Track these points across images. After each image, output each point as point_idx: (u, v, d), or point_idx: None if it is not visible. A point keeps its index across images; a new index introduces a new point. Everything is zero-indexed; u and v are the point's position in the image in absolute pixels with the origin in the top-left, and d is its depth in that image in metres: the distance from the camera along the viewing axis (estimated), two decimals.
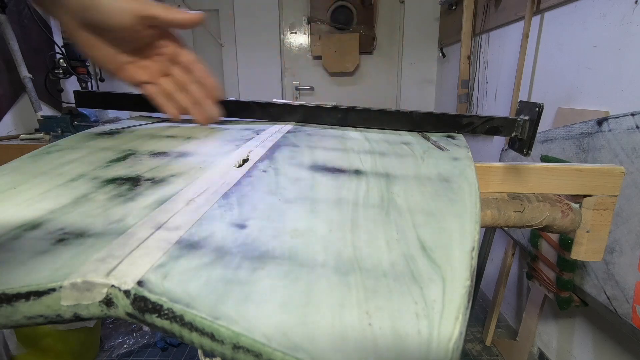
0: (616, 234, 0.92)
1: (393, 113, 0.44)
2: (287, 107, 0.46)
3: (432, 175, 0.29)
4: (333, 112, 0.44)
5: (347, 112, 0.44)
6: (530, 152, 0.39)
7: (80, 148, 0.34)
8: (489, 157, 1.79)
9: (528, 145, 0.39)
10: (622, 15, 1.02)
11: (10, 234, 0.18)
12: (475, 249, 0.19)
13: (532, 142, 0.39)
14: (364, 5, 2.42)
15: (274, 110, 0.46)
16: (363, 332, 0.13)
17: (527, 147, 0.39)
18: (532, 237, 1.21)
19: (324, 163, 0.31)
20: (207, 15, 2.47)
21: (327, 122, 0.45)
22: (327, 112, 0.45)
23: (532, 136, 0.39)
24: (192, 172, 0.28)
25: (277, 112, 0.46)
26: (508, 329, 1.64)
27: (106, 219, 0.20)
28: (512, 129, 0.40)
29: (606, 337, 1.10)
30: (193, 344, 0.14)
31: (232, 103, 0.45)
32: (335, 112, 0.44)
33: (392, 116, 0.44)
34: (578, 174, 0.41)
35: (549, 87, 1.36)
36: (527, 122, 0.39)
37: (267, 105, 0.45)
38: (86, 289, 0.15)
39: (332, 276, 0.16)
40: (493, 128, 0.41)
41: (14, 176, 0.26)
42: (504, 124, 0.40)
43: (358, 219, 0.21)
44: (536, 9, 1.40)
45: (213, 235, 0.19)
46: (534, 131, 0.38)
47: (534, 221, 0.41)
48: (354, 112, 0.44)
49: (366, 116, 0.44)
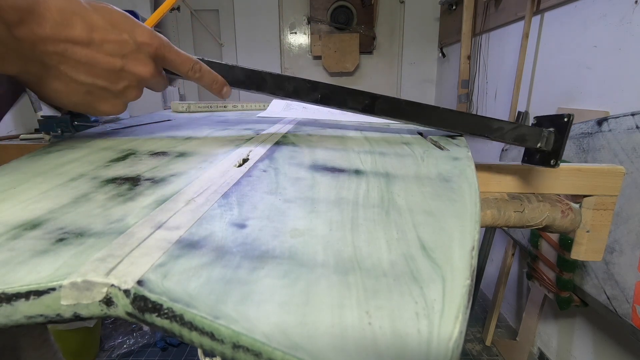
0: (616, 234, 0.92)
1: (423, 107, 0.41)
2: (305, 83, 0.40)
3: (432, 175, 0.29)
4: (359, 97, 0.40)
5: (375, 99, 0.40)
6: (559, 162, 0.38)
7: (80, 148, 0.34)
8: (489, 157, 1.79)
9: (556, 156, 0.38)
10: (622, 15, 1.03)
11: (10, 233, 0.18)
12: (475, 249, 0.19)
13: (561, 152, 0.38)
14: (364, 5, 2.42)
15: (289, 84, 0.40)
16: (363, 332, 0.13)
17: (555, 157, 0.38)
18: (532, 237, 1.21)
19: (324, 163, 0.31)
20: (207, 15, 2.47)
21: (349, 107, 0.40)
22: (352, 96, 0.40)
23: (560, 147, 0.38)
24: (192, 172, 0.28)
25: (293, 88, 0.40)
26: (508, 329, 1.64)
27: (106, 219, 0.20)
28: (538, 139, 0.39)
29: (606, 337, 1.10)
30: (193, 343, 0.14)
31: (241, 71, 0.40)
32: (362, 97, 0.40)
33: (421, 110, 0.41)
34: (578, 174, 0.41)
35: (549, 87, 1.36)
36: (552, 133, 0.38)
37: (282, 78, 0.40)
38: (86, 288, 0.15)
39: (332, 276, 0.16)
40: (520, 136, 0.40)
41: (14, 176, 0.26)
42: (530, 133, 0.39)
43: (358, 219, 0.21)
44: (536, 9, 1.40)
45: (213, 234, 0.19)
46: (562, 142, 0.38)
47: (534, 221, 0.41)
48: (382, 100, 0.40)
49: (394, 107, 0.40)
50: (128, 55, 0.31)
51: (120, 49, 0.31)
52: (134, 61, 0.32)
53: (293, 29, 2.53)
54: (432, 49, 2.53)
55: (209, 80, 0.38)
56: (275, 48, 2.51)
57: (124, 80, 0.32)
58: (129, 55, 0.31)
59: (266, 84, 0.40)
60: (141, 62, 0.32)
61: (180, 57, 0.35)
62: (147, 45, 0.32)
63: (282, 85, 0.40)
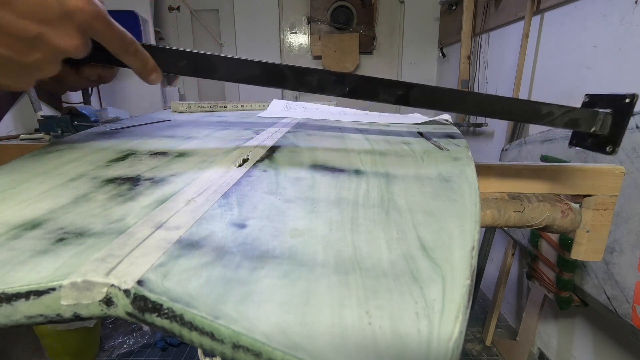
0: (616, 234, 0.92)
1: (462, 95, 0.38)
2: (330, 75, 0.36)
3: (432, 175, 0.29)
4: (392, 88, 0.37)
5: (410, 88, 0.37)
6: (617, 150, 0.35)
7: (80, 148, 0.34)
8: (489, 157, 1.79)
9: (614, 142, 0.35)
10: (622, 15, 1.02)
11: (10, 233, 0.18)
12: (475, 249, 0.19)
13: (619, 138, 0.34)
14: (364, 5, 2.42)
15: (312, 79, 0.36)
16: (363, 332, 0.13)
17: (612, 144, 0.35)
18: (532, 237, 1.21)
19: (324, 163, 0.31)
20: (207, 15, 2.48)
21: (381, 99, 0.37)
22: (384, 87, 0.37)
23: (618, 131, 0.34)
24: (192, 172, 0.28)
25: (317, 82, 0.36)
26: (508, 329, 1.64)
27: (106, 219, 0.20)
28: (592, 123, 0.36)
29: (606, 337, 1.10)
30: (193, 343, 0.14)
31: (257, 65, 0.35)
32: (396, 88, 0.37)
33: (460, 98, 0.37)
34: (578, 174, 0.41)
35: (549, 87, 1.36)
36: (608, 116, 0.35)
37: (305, 72, 0.36)
38: (86, 288, 0.15)
39: (332, 276, 0.16)
40: (572, 120, 0.36)
41: (14, 176, 0.26)
42: (583, 116, 0.36)
43: (358, 219, 0.21)
44: (536, 9, 1.40)
45: (213, 234, 0.19)
46: (622, 126, 0.34)
47: (534, 221, 0.41)
48: (418, 89, 0.37)
49: (431, 96, 0.37)
50: (49, 22, 0.25)
51: (39, 12, 0.24)
52: (56, 30, 0.26)
53: (293, 29, 2.53)
54: (432, 49, 2.53)
55: (140, 64, 0.32)
56: (275, 48, 2.51)
57: (37, 51, 0.26)
58: (50, 22, 0.25)
59: (286, 79, 0.36)
60: (66, 33, 0.26)
61: (115, 33, 0.29)
62: (78, 13, 0.26)
63: (303, 79, 0.36)
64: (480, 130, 1.88)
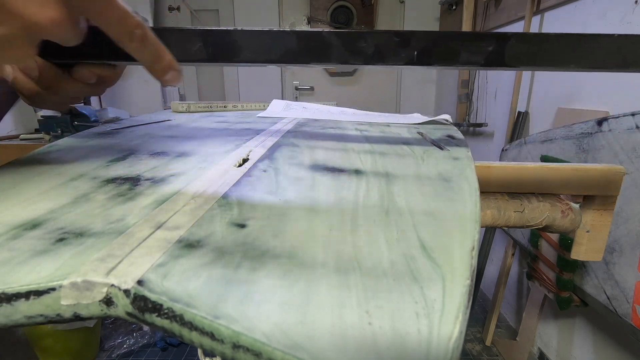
0: (616, 234, 0.92)
1: (589, 39, 0.28)
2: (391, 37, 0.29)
3: (432, 175, 0.29)
4: (480, 43, 0.28)
5: (504, 40, 0.28)
6: None
7: (80, 148, 0.34)
8: (489, 157, 1.79)
9: None
10: (622, 15, 1.02)
11: (10, 233, 0.18)
12: (475, 249, 0.19)
13: None
14: (364, 5, 2.42)
15: (367, 45, 0.29)
16: (363, 331, 0.13)
17: None
18: (532, 237, 1.21)
19: (324, 163, 0.31)
20: (207, 15, 2.48)
21: (464, 61, 0.29)
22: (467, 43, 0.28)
23: None
24: (192, 172, 0.28)
25: (375, 49, 0.30)
26: (508, 329, 1.64)
27: (106, 219, 0.20)
28: None
29: (606, 337, 1.10)
30: (193, 343, 0.14)
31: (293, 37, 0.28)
32: (485, 43, 0.28)
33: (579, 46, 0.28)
34: (578, 174, 0.41)
35: (549, 87, 1.36)
36: None
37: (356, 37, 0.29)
38: (86, 288, 0.15)
39: (332, 276, 0.16)
40: None
41: (14, 176, 0.26)
42: None
43: (358, 219, 0.21)
44: (536, 9, 1.40)
45: (213, 234, 0.19)
46: None
47: (534, 221, 0.41)
48: (516, 39, 0.28)
49: (535, 47, 0.28)
50: None
51: None
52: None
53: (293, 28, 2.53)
54: None
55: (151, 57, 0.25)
56: None
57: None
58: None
59: (331, 50, 0.28)
60: (38, 1, 0.19)
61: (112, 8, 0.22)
62: None
63: (354, 47, 0.29)
64: (480, 130, 1.88)
